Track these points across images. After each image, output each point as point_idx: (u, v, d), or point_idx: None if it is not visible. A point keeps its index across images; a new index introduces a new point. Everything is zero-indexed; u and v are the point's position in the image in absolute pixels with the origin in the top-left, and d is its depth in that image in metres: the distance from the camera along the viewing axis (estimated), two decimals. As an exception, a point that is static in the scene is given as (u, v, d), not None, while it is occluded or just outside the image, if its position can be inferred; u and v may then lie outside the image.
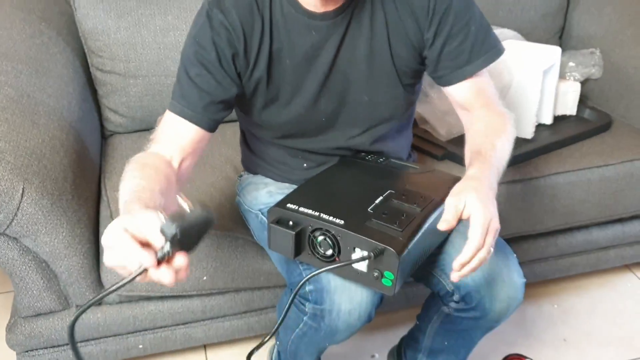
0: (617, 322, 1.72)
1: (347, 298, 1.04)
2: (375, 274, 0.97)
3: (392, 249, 0.94)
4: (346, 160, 1.24)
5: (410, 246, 0.96)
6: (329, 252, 1.01)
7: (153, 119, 1.64)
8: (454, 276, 0.96)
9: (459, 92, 1.15)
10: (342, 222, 1.00)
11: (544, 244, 1.65)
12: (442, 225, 0.96)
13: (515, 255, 1.16)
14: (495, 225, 0.96)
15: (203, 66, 1.07)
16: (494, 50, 1.14)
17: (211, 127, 1.11)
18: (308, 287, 1.08)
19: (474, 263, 0.95)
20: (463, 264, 0.95)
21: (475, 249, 0.93)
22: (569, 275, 1.79)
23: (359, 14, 1.08)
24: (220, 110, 1.10)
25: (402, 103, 1.20)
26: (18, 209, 1.17)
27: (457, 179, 1.04)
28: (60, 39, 1.59)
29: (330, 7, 1.06)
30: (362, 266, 0.99)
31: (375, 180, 1.15)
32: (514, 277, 1.12)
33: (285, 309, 1.04)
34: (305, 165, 1.26)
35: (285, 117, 1.16)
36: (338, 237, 0.99)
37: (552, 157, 1.58)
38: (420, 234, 1.00)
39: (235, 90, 1.10)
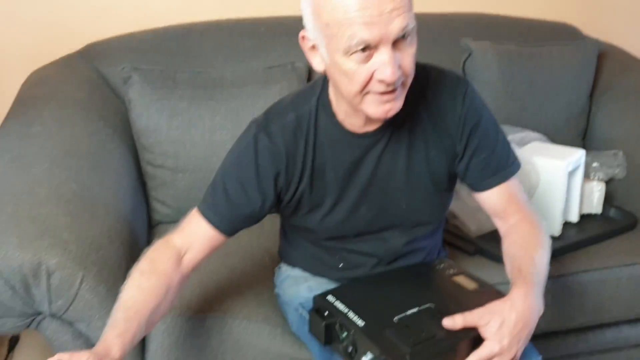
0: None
1: None
2: None
3: None
4: (412, 266, 1.30)
5: None
6: (350, 349, 1.08)
7: None
8: None
9: (490, 199, 1.24)
10: (362, 324, 1.07)
11: (574, 340, 1.68)
12: (447, 322, 1.05)
13: (540, 357, 1.19)
14: (507, 358, 1.02)
15: (240, 184, 1.17)
16: (515, 165, 1.24)
17: (231, 234, 1.22)
18: None
19: None
20: None
21: None
22: (601, 373, 1.79)
23: (398, 130, 1.17)
24: (245, 222, 1.22)
25: (438, 207, 1.29)
26: (76, 295, 1.25)
27: None
28: (116, 136, 1.72)
29: (371, 128, 1.16)
30: None
31: (424, 291, 1.21)
32: None
33: None
34: (341, 265, 1.33)
35: (327, 222, 1.24)
36: (355, 337, 1.07)
37: (580, 255, 1.64)
38: (433, 356, 1.03)
39: (268, 208, 1.20)
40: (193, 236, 1.19)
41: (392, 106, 1.06)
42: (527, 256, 1.14)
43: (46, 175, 1.41)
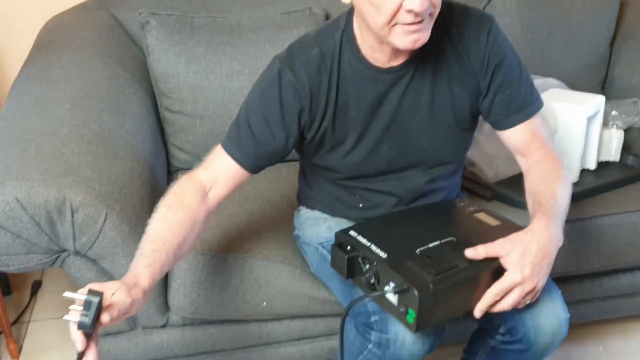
0: (663, 366, 1.74)
1: (404, 326, 1.11)
2: (402, 309, 1.05)
3: (414, 289, 1.01)
4: (432, 203, 1.31)
5: (437, 292, 1.02)
6: (372, 280, 1.10)
7: None
8: (477, 314, 1.08)
9: (513, 136, 1.24)
10: (384, 256, 1.09)
11: (589, 285, 1.69)
12: (469, 252, 1.07)
13: (560, 291, 1.21)
14: (529, 286, 1.05)
15: (265, 119, 1.18)
16: (539, 102, 1.24)
17: (255, 171, 1.22)
18: (373, 318, 1.15)
19: (493, 309, 1.07)
20: (481, 311, 1.07)
21: (490, 301, 1.06)
22: (614, 318, 1.82)
23: (422, 66, 1.17)
24: (269, 160, 1.22)
25: (460, 147, 1.29)
26: (100, 232, 1.28)
27: None
28: (134, 82, 1.73)
29: (396, 63, 1.16)
30: (394, 299, 1.07)
31: (445, 225, 1.22)
32: (559, 312, 1.18)
33: (341, 322, 1.12)
34: (361, 205, 1.34)
35: (348, 161, 1.25)
36: (378, 268, 1.09)
37: (597, 200, 1.64)
38: (455, 284, 1.05)
39: (292, 145, 1.21)
40: (218, 172, 1.20)
41: (420, 36, 1.05)
42: (548, 190, 1.15)
43: (67, 116, 1.43)
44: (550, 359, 1.27)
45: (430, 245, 1.12)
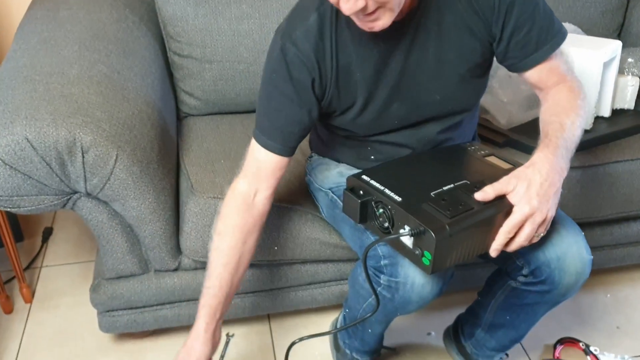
0: (671, 314, 1.75)
1: (420, 272, 1.12)
2: (417, 251, 1.05)
3: (431, 231, 1.00)
4: (442, 147, 1.30)
5: (453, 234, 1.01)
6: (386, 224, 1.09)
7: (225, 103, 1.78)
8: (492, 253, 1.07)
9: (532, 77, 1.20)
10: (399, 199, 1.08)
11: (599, 232, 1.68)
12: (479, 195, 1.05)
13: (583, 233, 1.21)
14: (539, 217, 1.03)
15: (284, 97, 1.15)
16: (560, 35, 1.19)
17: (291, 153, 1.22)
18: (383, 261, 1.15)
19: (509, 247, 1.06)
20: (497, 250, 1.06)
21: (504, 238, 1.05)
22: (623, 266, 1.82)
23: (425, 19, 1.12)
24: (300, 137, 1.21)
25: (474, 94, 1.26)
26: (111, 173, 1.27)
27: None
28: (142, 24, 1.70)
29: (396, 19, 1.09)
30: (409, 242, 1.06)
31: (457, 169, 1.21)
32: (583, 253, 1.18)
33: (364, 270, 1.13)
34: (372, 157, 1.32)
35: (359, 122, 1.22)
36: (393, 212, 1.08)
37: (611, 147, 1.62)
38: (470, 226, 1.04)
39: (316, 114, 1.19)
40: (257, 174, 1.21)
41: (373, 25, 1.03)
42: (556, 121, 1.12)
43: (76, 57, 1.40)
44: (558, 306, 1.28)
45: (445, 188, 1.10)
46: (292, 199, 1.46)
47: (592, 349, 1.58)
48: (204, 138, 1.65)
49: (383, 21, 1.02)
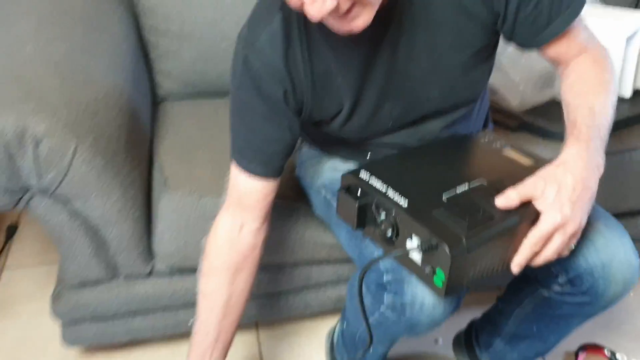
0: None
1: (430, 290, 0.93)
2: (427, 270, 0.87)
3: (445, 245, 0.82)
4: (452, 138, 1.12)
5: (472, 249, 0.84)
6: (389, 233, 0.91)
7: (206, 85, 1.61)
8: (514, 269, 0.89)
9: (547, 52, 1.02)
10: (405, 203, 0.90)
11: (624, 225, 1.48)
12: (501, 201, 0.88)
13: (628, 234, 1.04)
14: (571, 228, 0.86)
15: (256, 115, 1.00)
16: (576, 4, 0.98)
17: (279, 174, 1.07)
18: (386, 277, 0.97)
19: (535, 262, 0.89)
20: (520, 265, 0.88)
21: (530, 252, 0.87)
22: (648, 262, 1.67)
23: (409, 5, 0.94)
24: (285, 155, 1.06)
25: (479, 82, 1.08)
26: (69, 167, 1.10)
27: None
28: (112, -2, 1.53)
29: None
30: (417, 257, 0.88)
31: (471, 164, 1.04)
32: (631, 258, 1.00)
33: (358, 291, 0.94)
34: (369, 156, 1.16)
35: (348, 128, 1.06)
36: (397, 219, 0.90)
37: (635, 131, 1.46)
38: (492, 240, 0.86)
39: (297, 128, 1.03)
40: (241, 204, 1.08)
41: (352, 26, 0.85)
42: (584, 105, 0.95)
43: (31, 34, 1.24)
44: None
45: (459, 190, 0.93)
46: (280, 192, 1.28)
47: (618, 356, 1.45)
48: (182, 124, 1.49)
49: (363, 19, 0.84)
